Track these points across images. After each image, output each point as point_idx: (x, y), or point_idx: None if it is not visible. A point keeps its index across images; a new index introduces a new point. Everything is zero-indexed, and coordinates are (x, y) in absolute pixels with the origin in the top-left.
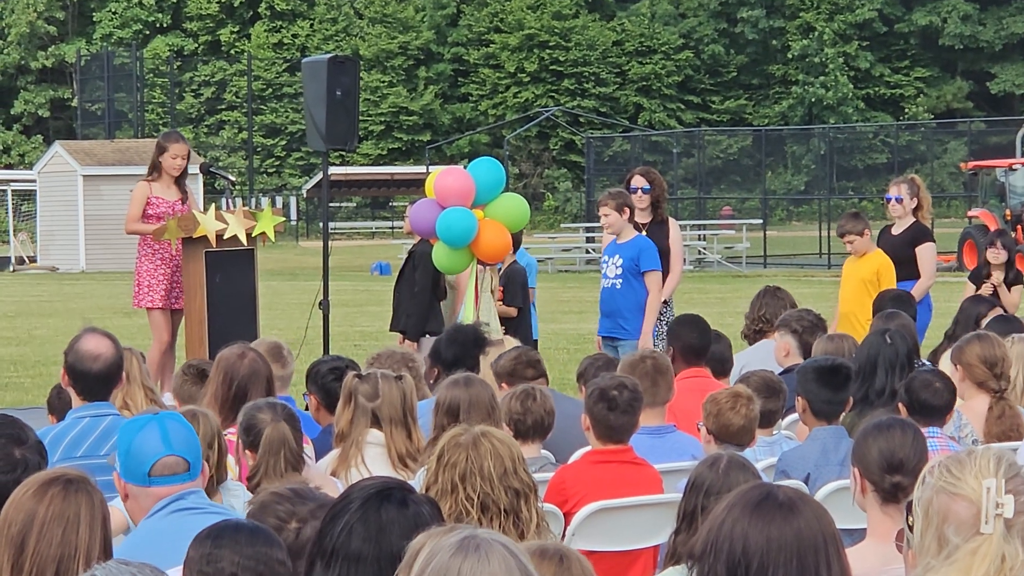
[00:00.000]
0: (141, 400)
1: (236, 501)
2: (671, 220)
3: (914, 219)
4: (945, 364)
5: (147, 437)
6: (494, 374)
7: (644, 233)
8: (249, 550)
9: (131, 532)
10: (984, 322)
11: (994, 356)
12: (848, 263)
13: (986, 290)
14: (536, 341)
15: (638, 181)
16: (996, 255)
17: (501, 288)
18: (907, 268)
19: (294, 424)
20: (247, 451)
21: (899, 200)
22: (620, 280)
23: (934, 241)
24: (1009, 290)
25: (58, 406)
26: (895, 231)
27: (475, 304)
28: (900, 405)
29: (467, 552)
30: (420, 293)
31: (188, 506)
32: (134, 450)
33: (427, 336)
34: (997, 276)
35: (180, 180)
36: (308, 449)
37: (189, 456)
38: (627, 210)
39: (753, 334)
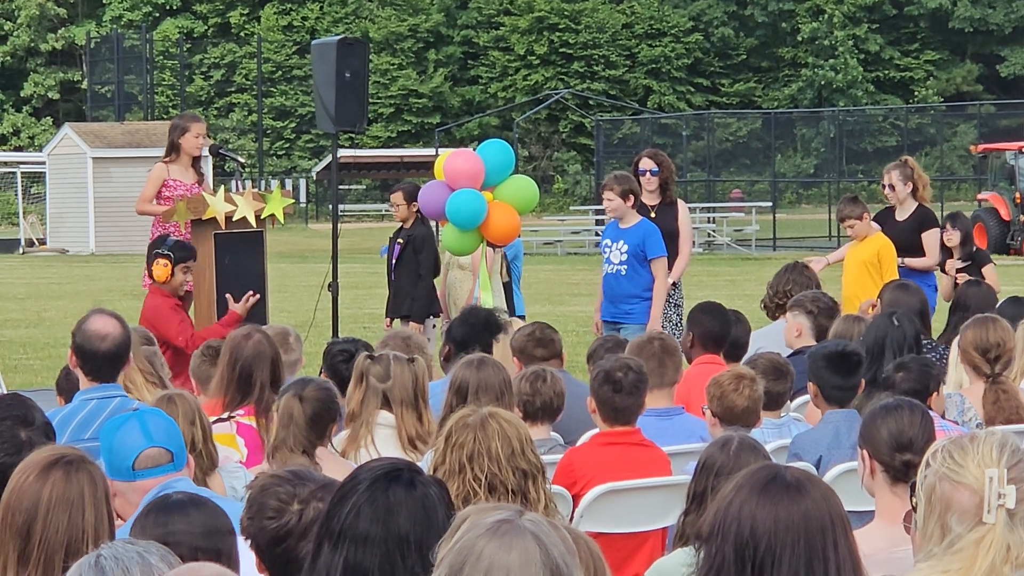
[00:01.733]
0: (141, 382)
1: (238, 483)
2: (680, 202)
3: (916, 203)
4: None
5: (128, 432)
6: (512, 349)
7: (653, 215)
8: (201, 528)
9: (122, 527)
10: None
11: (987, 342)
12: (850, 247)
13: (947, 283)
14: (523, 318)
15: (646, 163)
16: (949, 237)
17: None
18: (913, 254)
19: (319, 406)
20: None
21: (892, 187)
22: (625, 266)
23: (939, 226)
24: (980, 272)
25: (66, 388)
26: (899, 216)
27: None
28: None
29: (493, 536)
30: (426, 276)
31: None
32: (116, 446)
33: (432, 318)
34: (952, 263)
35: (196, 162)
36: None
37: (172, 447)
38: (632, 197)
39: (775, 307)
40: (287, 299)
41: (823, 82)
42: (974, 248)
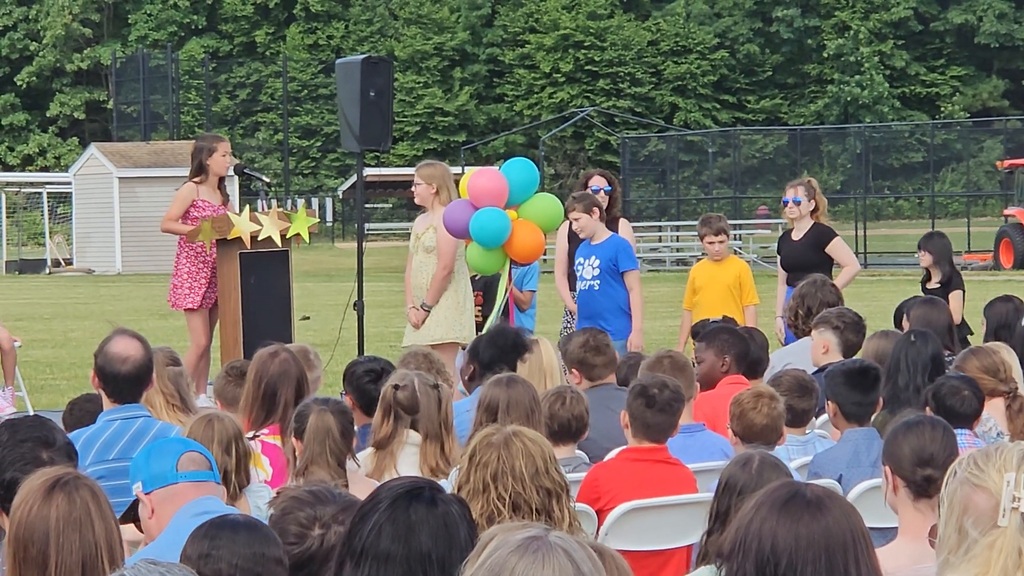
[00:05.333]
0: (160, 403)
1: (261, 502)
2: (623, 220)
3: (812, 221)
4: None
5: (165, 442)
6: (568, 361)
7: None
8: (247, 550)
9: (156, 539)
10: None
11: (993, 364)
12: (703, 268)
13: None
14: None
15: (598, 181)
16: (921, 258)
17: (480, 293)
18: (811, 271)
19: (344, 420)
20: (295, 439)
21: (796, 202)
22: (598, 281)
23: (836, 236)
24: (947, 297)
25: (71, 423)
26: (796, 236)
27: (509, 305)
28: (928, 409)
29: (524, 552)
30: None
31: (212, 509)
32: (155, 453)
33: None
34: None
35: (221, 183)
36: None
37: (209, 458)
38: (596, 211)
39: (802, 325)
40: (313, 318)
41: (849, 98)
42: (950, 271)
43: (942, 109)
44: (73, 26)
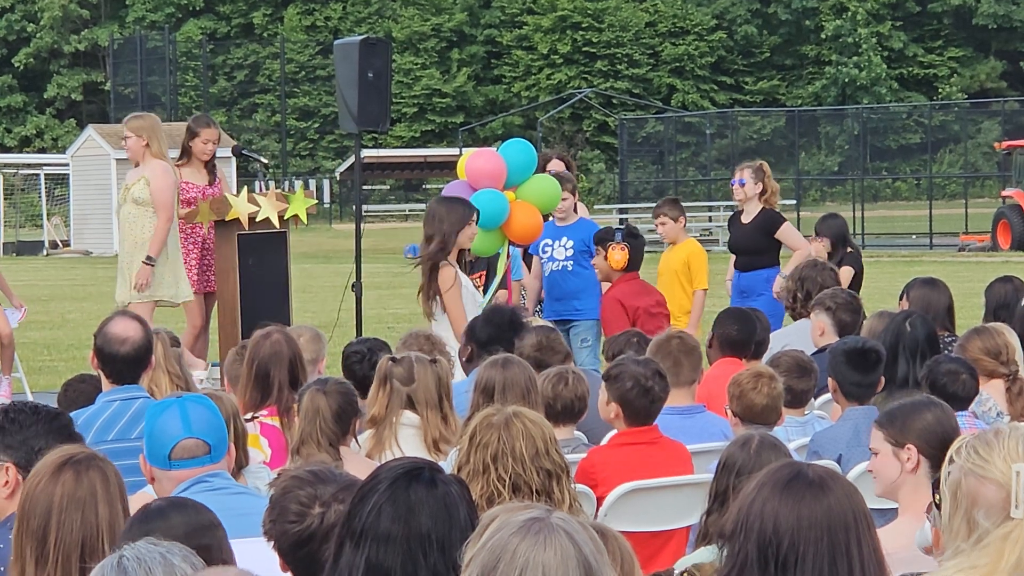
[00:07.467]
0: (166, 385)
1: (260, 483)
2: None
3: (761, 205)
4: None
5: (168, 420)
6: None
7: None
8: (183, 530)
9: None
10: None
11: (996, 346)
12: (664, 255)
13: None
14: None
15: (556, 166)
16: (821, 247)
17: (483, 273)
18: (763, 257)
19: (344, 400)
20: (298, 416)
21: (742, 184)
22: (571, 262)
23: (785, 221)
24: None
25: (65, 404)
26: (744, 219)
27: (507, 286)
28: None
29: (527, 533)
30: None
31: (213, 487)
32: (156, 433)
33: None
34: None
35: (210, 163)
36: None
37: (210, 439)
38: (576, 193)
39: (799, 307)
40: (311, 299)
41: (847, 79)
42: (847, 251)
43: (940, 90)
44: (70, 7)
